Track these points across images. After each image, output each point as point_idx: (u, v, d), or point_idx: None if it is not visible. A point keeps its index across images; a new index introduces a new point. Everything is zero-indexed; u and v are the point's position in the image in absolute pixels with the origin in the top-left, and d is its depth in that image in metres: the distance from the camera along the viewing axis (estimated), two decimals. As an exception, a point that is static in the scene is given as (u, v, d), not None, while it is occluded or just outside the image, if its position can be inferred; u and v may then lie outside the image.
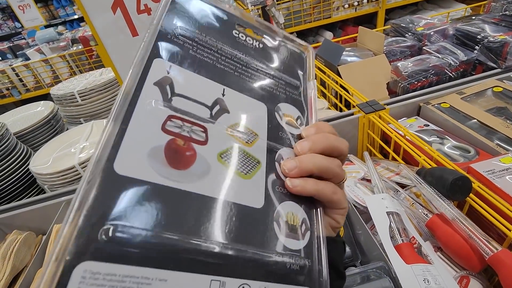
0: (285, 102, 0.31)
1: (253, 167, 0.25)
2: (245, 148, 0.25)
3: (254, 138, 0.26)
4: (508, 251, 0.41)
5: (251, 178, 0.24)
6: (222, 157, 0.24)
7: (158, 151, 0.21)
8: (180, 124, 0.23)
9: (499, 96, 0.74)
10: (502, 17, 0.93)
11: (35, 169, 0.82)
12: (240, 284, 0.20)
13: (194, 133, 0.23)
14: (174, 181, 0.21)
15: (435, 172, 0.53)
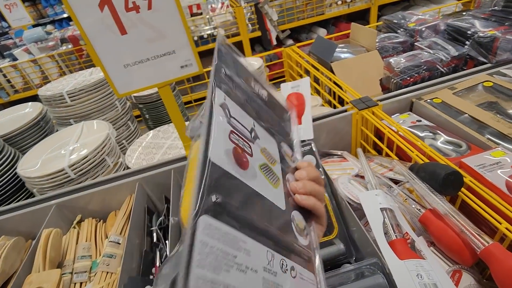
0: (283, 142, 0.42)
1: (277, 181, 0.35)
2: (272, 167, 0.35)
3: (274, 160, 0.37)
4: (499, 245, 0.42)
5: (277, 188, 0.34)
6: (261, 168, 0.33)
7: (229, 152, 0.30)
8: (237, 138, 0.32)
9: (490, 91, 0.75)
10: (491, 12, 0.94)
11: (23, 173, 0.80)
12: (281, 258, 0.29)
13: (245, 147, 0.32)
14: (241, 176, 0.29)
15: (427, 168, 0.53)
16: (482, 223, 0.52)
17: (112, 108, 1.14)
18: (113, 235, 0.66)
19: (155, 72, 0.65)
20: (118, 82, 0.65)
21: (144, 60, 0.64)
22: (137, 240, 0.65)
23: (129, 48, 0.62)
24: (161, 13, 0.60)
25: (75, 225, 0.75)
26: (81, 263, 0.66)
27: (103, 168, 0.87)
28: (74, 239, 0.71)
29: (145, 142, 0.97)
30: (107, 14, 0.58)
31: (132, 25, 0.60)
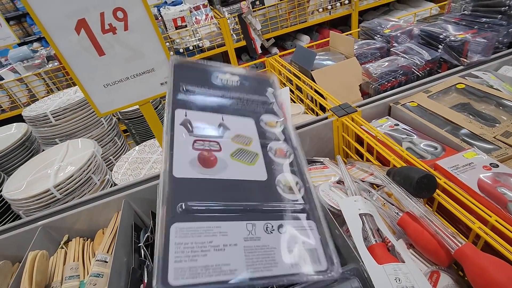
0: (264, 113, 0.47)
1: (254, 157, 0.40)
2: (246, 148, 0.41)
3: (250, 140, 0.42)
4: (471, 245, 0.43)
5: (255, 165, 0.39)
6: (233, 155, 0.39)
7: (194, 160, 0.36)
8: (202, 143, 0.38)
9: (462, 93, 0.78)
10: (462, 16, 0.97)
11: (8, 195, 0.80)
12: (265, 223, 0.34)
13: (212, 146, 0.39)
14: (208, 175, 0.36)
15: (402, 172, 0.55)
16: (460, 223, 0.53)
17: (98, 125, 1.14)
18: (100, 254, 0.66)
19: (135, 91, 0.67)
20: (98, 102, 0.66)
21: (123, 79, 0.65)
22: (124, 258, 0.65)
23: (108, 68, 0.63)
24: (137, 33, 0.61)
25: (63, 245, 0.74)
26: (69, 283, 0.65)
27: (89, 186, 0.87)
28: (62, 259, 0.71)
29: (131, 158, 0.97)
30: (83, 36, 0.59)
31: (110, 46, 0.61)
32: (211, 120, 0.41)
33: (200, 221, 0.31)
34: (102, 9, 0.57)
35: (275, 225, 0.35)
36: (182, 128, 0.38)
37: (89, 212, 0.75)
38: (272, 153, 0.42)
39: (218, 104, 0.44)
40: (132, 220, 0.74)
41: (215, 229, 0.31)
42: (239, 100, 0.46)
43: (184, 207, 0.31)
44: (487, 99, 0.72)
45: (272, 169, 0.40)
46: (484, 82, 0.77)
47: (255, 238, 0.33)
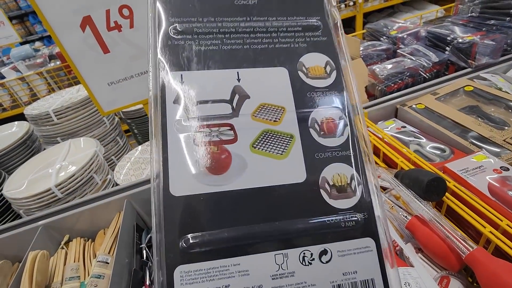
0: (307, 53, 0.28)
1: (287, 144, 0.26)
2: (274, 128, 0.26)
3: (281, 113, 0.27)
4: (483, 249, 0.42)
5: (288, 156, 0.26)
6: (254, 146, 0.26)
7: (198, 164, 0.24)
8: (208, 131, 0.25)
9: (471, 95, 0.77)
10: (469, 18, 0.97)
11: (9, 194, 0.79)
12: (301, 251, 0.24)
13: (223, 134, 0.25)
14: (219, 185, 0.24)
15: (411, 174, 0.54)
16: (469, 227, 0.52)
17: (100, 124, 1.13)
18: (101, 255, 0.65)
19: (139, 89, 0.66)
20: (102, 100, 0.65)
21: (128, 77, 0.64)
22: (126, 259, 0.64)
23: (112, 66, 0.62)
24: (143, 31, 0.61)
25: (63, 246, 0.73)
26: (69, 285, 0.64)
27: (91, 186, 0.86)
28: (62, 260, 0.70)
29: (133, 158, 0.97)
30: (89, 34, 0.58)
31: (115, 44, 0.60)
32: (220, 84, 0.26)
33: (212, 259, 0.23)
34: (108, 6, 0.56)
35: (315, 251, 0.25)
36: (177, 108, 0.25)
37: (90, 212, 0.74)
38: (316, 130, 0.27)
39: (231, 48, 0.27)
40: (134, 221, 0.73)
41: (232, 268, 0.23)
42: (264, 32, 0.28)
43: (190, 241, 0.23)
44: (496, 102, 0.71)
45: (314, 160, 0.26)
46: (492, 85, 0.76)
47: (287, 274, 0.24)
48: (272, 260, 0.24)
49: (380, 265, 0.25)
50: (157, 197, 0.24)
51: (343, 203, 0.26)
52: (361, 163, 0.27)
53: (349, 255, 0.25)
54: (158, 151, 0.24)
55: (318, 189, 0.26)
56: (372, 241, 0.26)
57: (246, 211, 0.24)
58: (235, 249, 0.24)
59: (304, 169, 0.26)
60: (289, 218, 0.25)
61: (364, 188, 0.26)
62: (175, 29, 0.27)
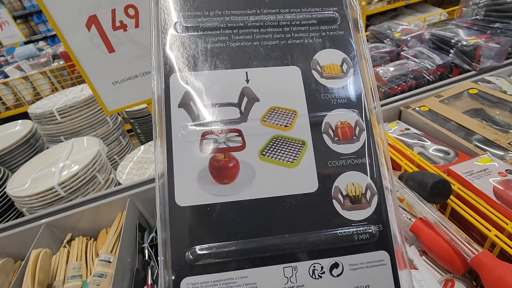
0: (322, 50, 0.26)
1: (299, 151, 0.24)
2: (285, 134, 0.25)
3: (292, 117, 0.25)
4: (488, 252, 0.42)
5: (299, 164, 0.24)
6: (263, 154, 0.24)
7: (204, 173, 0.23)
8: (215, 138, 0.24)
9: (475, 98, 0.77)
10: (474, 21, 0.97)
11: (12, 192, 0.79)
12: (311, 264, 0.23)
13: (230, 140, 0.24)
14: (226, 195, 0.23)
15: (416, 176, 0.54)
16: (473, 230, 0.52)
17: (103, 124, 1.13)
18: (104, 254, 0.65)
19: (143, 88, 0.66)
20: (107, 99, 0.65)
21: (132, 76, 0.64)
22: (128, 259, 0.64)
23: (117, 66, 0.63)
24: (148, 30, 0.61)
25: (65, 244, 0.73)
26: (71, 283, 0.64)
27: (94, 185, 0.86)
28: (64, 258, 0.70)
29: (136, 157, 0.97)
30: (94, 33, 0.58)
31: (120, 43, 0.61)
32: (227, 85, 0.25)
33: (219, 272, 0.22)
34: (113, 5, 0.56)
35: (325, 265, 0.23)
36: (182, 113, 0.24)
37: (93, 211, 0.74)
38: (329, 135, 0.25)
39: (240, 45, 0.25)
40: (136, 220, 0.73)
41: (239, 281, 0.22)
42: (275, 27, 0.26)
43: (196, 253, 0.22)
44: (501, 105, 0.70)
45: (327, 169, 0.24)
46: (497, 88, 0.76)
47: (296, 287, 0.23)
48: (281, 273, 0.23)
49: (394, 279, 0.24)
50: (162, 209, 0.23)
51: (356, 215, 0.24)
52: (377, 171, 0.25)
53: (362, 269, 0.24)
54: (163, 158, 0.23)
55: (331, 199, 0.24)
56: (387, 254, 0.24)
57: (255, 222, 0.23)
58: (242, 262, 0.23)
59: (316, 178, 0.24)
60: (299, 230, 0.24)
61: (380, 199, 0.25)
62: (180, 24, 0.25)
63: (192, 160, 0.23)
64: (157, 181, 0.23)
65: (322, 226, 0.24)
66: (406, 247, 0.25)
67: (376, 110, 0.27)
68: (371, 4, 2.46)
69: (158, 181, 0.22)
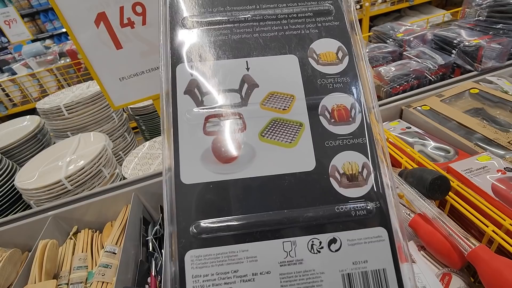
0: (318, 39, 0.28)
1: (296, 132, 0.26)
2: (283, 116, 0.26)
3: (290, 101, 0.27)
4: (485, 247, 0.43)
5: (297, 145, 0.26)
6: (263, 135, 0.26)
7: (208, 153, 0.25)
8: (217, 121, 0.26)
9: (476, 98, 0.77)
10: (476, 22, 0.97)
11: (20, 185, 0.81)
12: (309, 239, 0.24)
13: (232, 123, 0.26)
14: (228, 173, 0.25)
15: (415, 173, 0.55)
16: (471, 226, 0.53)
17: (109, 120, 1.15)
18: (109, 245, 0.67)
19: (149, 85, 0.67)
20: (113, 95, 0.67)
21: (139, 73, 0.66)
22: (132, 250, 0.65)
23: (124, 62, 0.64)
24: (155, 28, 0.62)
25: (72, 236, 0.75)
26: (77, 273, 0.66)
27: (99, 179, 0.88)
28: (70, 250, 0.71)
29: (141, 153, 0.98)
30: (103, 30, 0.60)
31: (128, 40, 0.62)
32: (229, 73, 0.27)
33: (221, 245, 0.24)
34: (121, 3, 0.58)
35: (324, 240, 0.25)
36: (187, 100, 0.26)
37: (98, 204, 0.76)
38: (326, 117, 0.26)
39: (240, 37, 0.27)
40: (141, 214, 0.75)
41: (240, 254, 0.24)
42: (273, 20, 0.28)
43: (200, 227, 0.24)
44: (502, 105, 0.71)
45: (324, 148, 0.26)
46: (498, 88, 0.77)
47: (295, 261, 0.24)
48: (280, 247, 0.24)
49: (392, 255, 0.25)
50: (168, 186, 0.24)
51: (354, 192, 0.25)
52: (374, 151, 0.26)
53: (360, 244, 0.25)
54: (170, 141, 0.25)
55: (328, 177, 0.25)
56: (385, 231, 0.25)
57: (255, 198, 0.25)
58: (244, 236, 0.24)
59: (314, 157, 0.26)
60: (298, 206, 0.25)
61: (377, 177, 0.26)
62: (186, 20, 0.27)
63: (197, 141, 0.25)
64: (164, 163, 0.24)
65: (320, 203, 0.25)
66: (407, 242, 0.25)
67: (375, 110, 0.28)
68: (375, 5, 2.47)
69: (164, 163, 0.24)
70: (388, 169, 0.26)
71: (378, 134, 0.27)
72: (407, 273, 0.25)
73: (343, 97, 0.27)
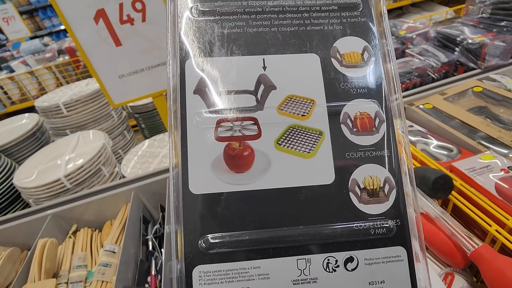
0: (342, 37, 0.25)
1: (315, 141, 0.24)
2: (302, 123, 0.24)
3: (309, 106, 0.24)
4: (488, 246, 0.42)
5: (316, 155, 0.24)
6: (279, 143, 0.24)
7: (219, 161, 0.23)
8: (230, 126, 0.23)
9: (479, 96, 0.76)
10: (480, 19, 0.96)
11: (19, 183, 0.80)
12: (325, 257, 0.23)
13: (246, 129, 0.24)
14: (241, 184, 0.23)
15: (418, 172, 0.54)
16: (474, 226, 0.52)
17: (108, 118, 1.14)
18: (109, 244, 0.66)
19: (149, 82, 0.67)
20: (113, 92, 0.66)
21: (138, 70, 0.65)
22: (132, 250, 0.65)
23: (124, 59, 0.63)
24: (155, 25, 0.61)
25: (71, 235, 0.74)
26: (77, 272, 0.66)
27: (99, 177, 0.87)
28: (70, 249, 0.71)
29: (140, 151, 0.98)
30: (102, 26, 0.59)
31: (127, 37, 0.61)
32: (244, 72, 0.24)
33: (232, 261, 0.22)
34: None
35: (340, 258, 0.23)
36: (197, 100, 0.23)
37: (98, 203, 0.75)
38: (348, 126, 0.24)
39: (257, 31, 0.25)
40: (141, 212, 0.74)
41: (252, 271, 0.22)
42: (294, 13, 0.25)
43: (209, 241, 0.22)
44: (506, 103, 0.70)
45: (344, 160, 0.24)
46: (502, 86, 0.76)
47: (309, 279, 0.22)
48: (294, 264, 0.23)
49: (410, 275, 0.23)
50: (175, 195, 0.22)
51: (374, 209, 0.23)
52: (397, 164, 0.24)
53: (377, 264, 0.23)
54: (177, 145, 0.23)
55: (348, 192, 0.24)
56: (404, 250, 0.23)
57: (269, 212, 0.23)
58: (256, 252, 0.22)
59: (333, 169, 0.24)
60: (314, 222, 0.23)
61: (399, 193, 0.24)
62: (196, 9, 0.25)
63: (207, 147, 0.23)
64: (171, 169, 0.22)
65: (337, 219, 0.23)
66: (425, 251, 0.24)
67: (398, 102, 0.25)
68: (377, 2, 2.45)
69: (172, 170, 0.22)
70: (411, 184, 0.24)
71: (402, 146, 0.25)
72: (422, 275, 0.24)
73: (367, 104, 0.25)
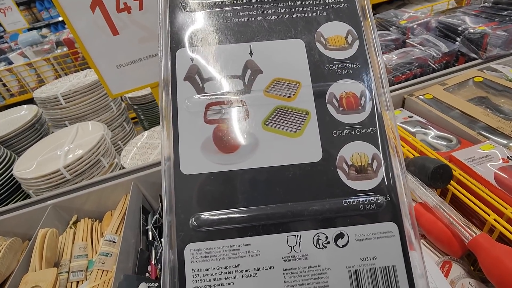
0: (326, 22, 0.26)
1: (302, 121, 0.25)
2: (288, 104, 0.25)
3: (295, 88, 0.25)
4: (486, 235, 0.42)
5: (302, 134, 0.24)
6: (266, 124, 0.25)
7: (208, 143, 0.24)
8: (218, 109, 0.25)
9: (480, 86, 0.76)
10: (482, 8, 0.95)
11: (19, 174, 0.80)
12: (315, 234, 0.23)
13: (234, 111, 0.25)
14: (230, 164, 0.24)
15: (417, 162, 0.54)
16: (473, 215, 0.52)
17: (107, 109, 1.14)
18: (109, 234, 0.67)
19: (147, 72, 0.66)
20: (111, 83, 0.66)
21: (136, 60, 0.64)
22: (132, 239, 0.65)
23: (121, 49, 0.63)
24: (152, 14, 0.61)
25: (71, 225, 0.75)
26: (78, 262, 0.66)
27: (98, 168, 0.87)
28: (70, 239, 0.71)
29: (140, 143, 0.98)
30: (98, 15, 0.58)
31: (124, 26, 0.61)
32: (231, 58, 0.25)
33: (222, 239, 0.23)
34: (117, -13, 0.56)
35: (330, 234, 0.23)
36: (187, 86, 0.24)
37: (98, 193, 0.75)
38: (334, 105, 0.25)
39: (244, 20, 0.26)
40: (140, 203, 0.74)
41: (242, 248, 0.23)
42: (279, 2, 0.26)
43: (200, 219, 0.23)
44: (507, 93, 0.70)
45: (331, 138, 0.24)
46: (503, 76, 0.75)
47: (299, 256, 0.23)
48: (284, 241, 0.23)
49: (403, 252, 0.24)
50: (167, 176, 0.23)
51: (362, 185, 0.24)
52: (385, 141, 0.25)
53: (368, 240, 0.23)
54: (169, 129, 0.24)
55: (335, 169, 0.24)
56: (395, 226, 0.24)
57: (258, 190, 0.24)
58: (246, 229, 0.23)
59: (320, 147, 0.24)
60: (303, 199, 0.23)
61: (388, 169, 0.24)
62: (186, 2, 0.26)
63: (197, 130, 0.24)
64: (163, 152, 0.23)
65: (326, 196, 0.24)
66: (416, 230, 0.24)
67: (386, 97, 0.26)
68: (378, -8, 2.42)
69: (163, 152, 0.23)
70: (399, 160, 0.24)
71: (389, 124, 0.25)
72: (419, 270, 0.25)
73: (352, 84, 0.26)
